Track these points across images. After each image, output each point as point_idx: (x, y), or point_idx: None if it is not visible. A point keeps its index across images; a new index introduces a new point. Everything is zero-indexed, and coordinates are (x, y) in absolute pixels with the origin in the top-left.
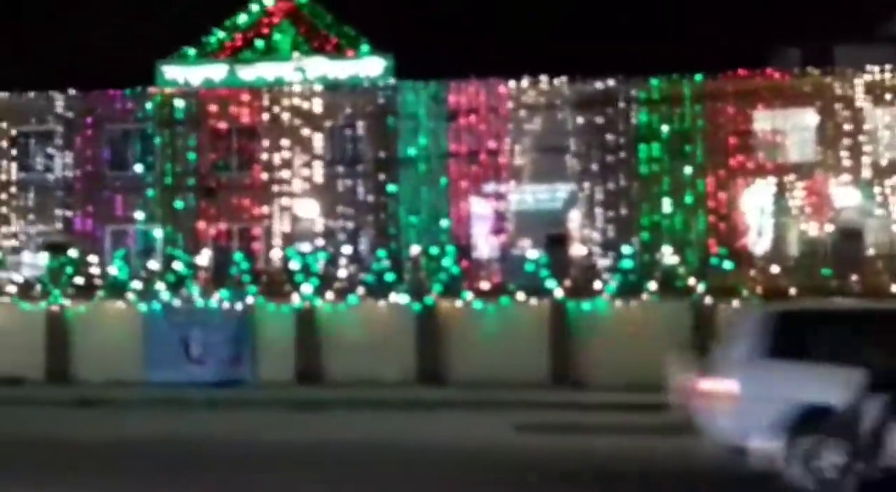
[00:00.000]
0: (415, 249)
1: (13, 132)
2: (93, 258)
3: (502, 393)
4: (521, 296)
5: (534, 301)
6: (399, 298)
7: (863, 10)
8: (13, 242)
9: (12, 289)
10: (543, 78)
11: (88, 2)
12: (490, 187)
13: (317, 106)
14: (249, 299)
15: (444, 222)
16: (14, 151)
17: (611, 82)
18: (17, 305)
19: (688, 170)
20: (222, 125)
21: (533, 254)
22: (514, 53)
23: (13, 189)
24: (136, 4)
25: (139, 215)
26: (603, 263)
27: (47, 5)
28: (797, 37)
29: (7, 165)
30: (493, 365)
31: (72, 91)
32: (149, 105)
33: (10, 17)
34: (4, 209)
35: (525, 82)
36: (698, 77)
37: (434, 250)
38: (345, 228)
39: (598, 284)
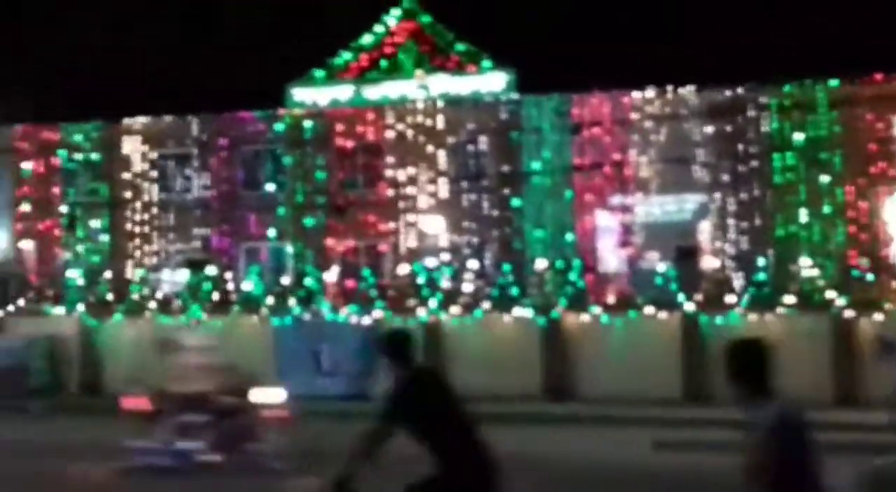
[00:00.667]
0: (540, 263)
1: (154, 155)
2: (228, 274)
3: (633, 409)
4: (649, 310)
5: (663, 315)
6: (524, 312)
7: None
8: (154, 260)
9: (153, 304)
10: (669, 87)
11: (221, 29)
12: (616, 200)
13: (440, 122)
14: (377, 314)
15: (569, 236)
16: (155, 173)
17: (740, 90)
18: (157, 320)
19: (825, 179)
20: (349, 144)
21: (661, 267)
22: (638, 64)
23: (154, 209)
24: (266, 30)
25: (271, 233)
26: (735, 275)
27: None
28: None
29: (148, 187)
30: (622, 380)
31: (207, 115)
32: (279, 126)
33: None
34: (146, 228)
35: (650, 92)
36: (833, 82)
37: (559, 264)
38: (469, 242)
39: (730, 298)
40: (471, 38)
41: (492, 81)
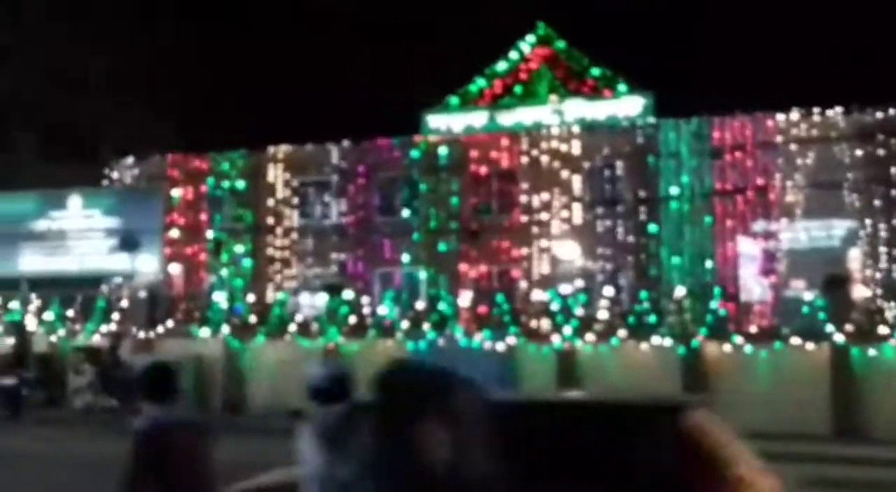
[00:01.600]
0: (679, 291)
1: (295, 182)
2: (364, 299)
3: (778, 444)
4: (796, 340)
5: (811, 346)
6: (662, 340)
7: None
8: (293, 284)
9: (293, 327)
10: (815, 110)
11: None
12: (759, 226)
13: (575, 148)
14: (511, 340)
15: (708, 263)
16: (296, 200)
17: (892, 111)
18: (297, 342)
19: None
20: (483, 170)
21: (808, 295)
22: (780, 86)
23: (294, 235)
24: (402, 59)
25: (405, 258)
26: (888, 305)
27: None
28: None
29: (290, 213)
30: (767, 414)
31: (345, 142)
32: (415, 153)
33: (292, 78)
34: (287, 253)
35: (795, 115)
36: None
37: (698, 292)
38: (604, 269)
39: (883, 329)
40: (606, 63)
41: (628, 106)
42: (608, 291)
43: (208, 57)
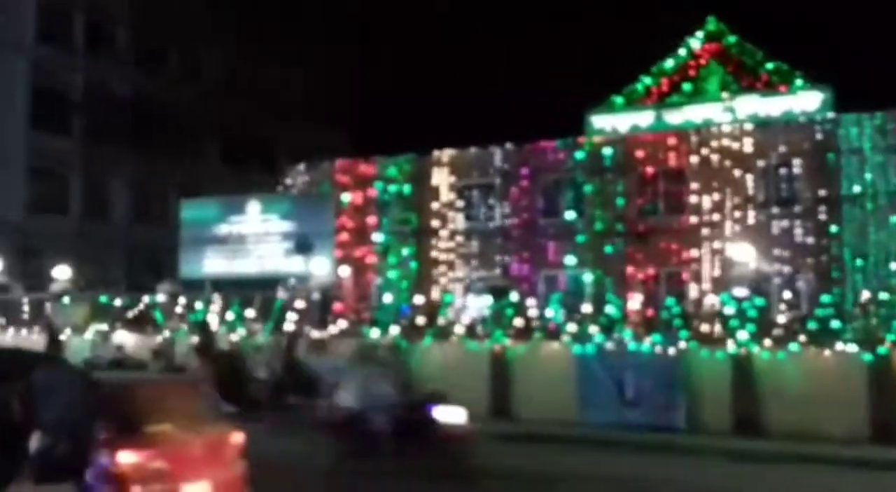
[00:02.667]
0: (864, 295)
1: (459, 185)
2: (530, 301)
3: None
4: None
5: None
6: (846, 347)
7: None
8: (458, 286)
9: (460, 329)
10: None
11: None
12: None
13: (748, 145)
14: (682, 344)
15: (894, 265)
16: (460, 203)
17: None
18: (463, 345)
19: None
20: (650, 170)
21: None
22: None
23: (459, 237)
24: (565, 60)
25: (570, 260)
26: None
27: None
28: None
29: (454, 216)
30: None
31: (508, 145)
32: (578, 154)
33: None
34: (452, 256)
35: None
36: None
37: (885, 295)
38: (781, 272)
39: None
40: (781, 57)
41: (805, 101)
42: (786, 294)
43: (375, 68)
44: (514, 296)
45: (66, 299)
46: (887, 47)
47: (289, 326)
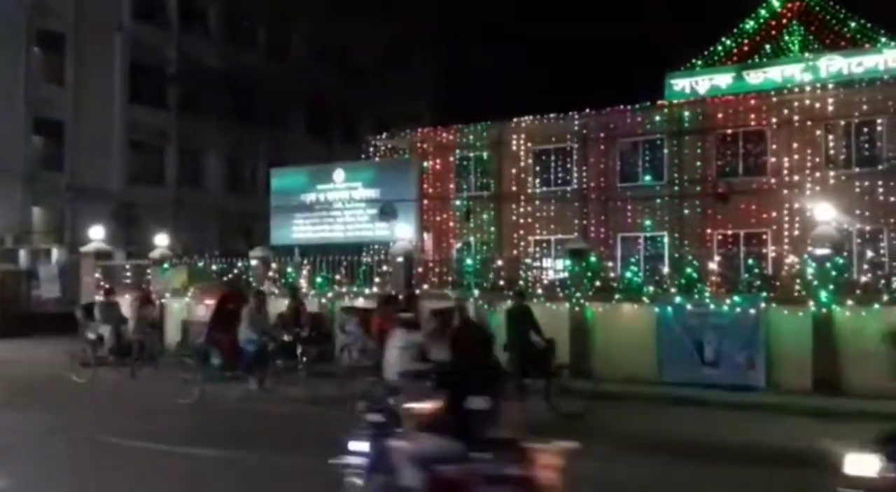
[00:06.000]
0: None
1: (537, 150)
2: (609, 263)
3: None
4: None
5: None
6: None
7: None
8: (537, 249)
9: (539, 290)
10: None
11: (602, 27)
12: None
13: (829, 105)
14: (762, 305)
15: None
16: (538, 168)
17: None
18: (543, 305)
19: None
20: (730, 131)
21: None
22: None
23: (537, 202)
24: (646, 24)
25: (647, 222)
26: None
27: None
28: None
29: (532, 180)
30: None
31: (587, 111)
32: (657, 117)
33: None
34: (530, 220)
35: None
36: None
37: None
38: (863, 231)
39: None
40: (865, 14)
41: (890, 58)
42: (868, 254)
43: (455, 38)
44: (592, 258)
45: (165, 265)
46: None
47: (374, 289)
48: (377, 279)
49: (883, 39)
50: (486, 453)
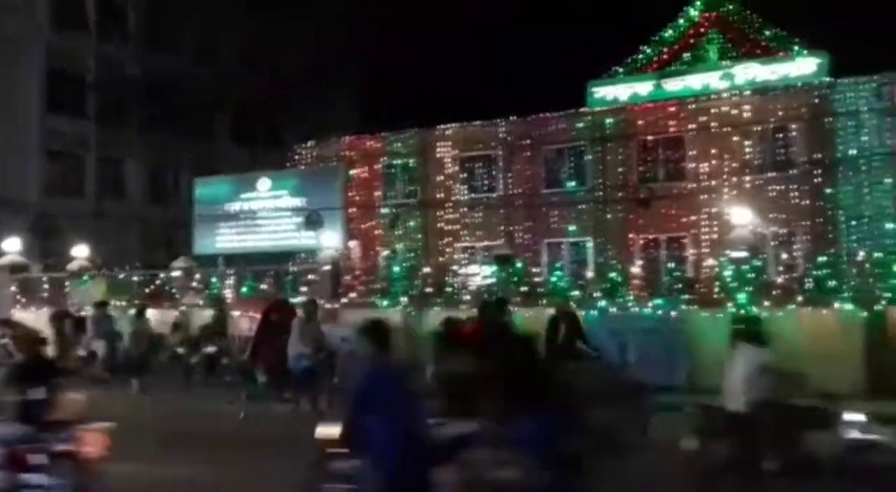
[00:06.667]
0: (859, 254)
1: (463, 157)
2: (534, 269)
3: None
4: None
5: None
6: (843, 306)
7: None
8: (464, 256)
9: (466, 297)
10: None
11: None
12: None
13: (745, 111)
14: (683, 307)
15: (890, 225)
16: (464, 175)
17: None
18: (473, 311)
19: None
20: (650, 138)
21: None
22: None
23: (463, 208)
24: (567, 33)
25: (572, 228)
26: None
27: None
28: None
29: (458, 188)
30: None
31: (512, 118)
32: (580, 124)
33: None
34: (457, 226)
35: None
36: None
37: (880, 255)
38: (777, 234)
39: None
40: (779, 23)
41: (802, 66)
42: (782, 256)
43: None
44: (518, 264)
45: (84, 277)
46: (882, 12)
47: (301, 298)
48: (304, 288)
49: (796, 47)
50: (46, 433)
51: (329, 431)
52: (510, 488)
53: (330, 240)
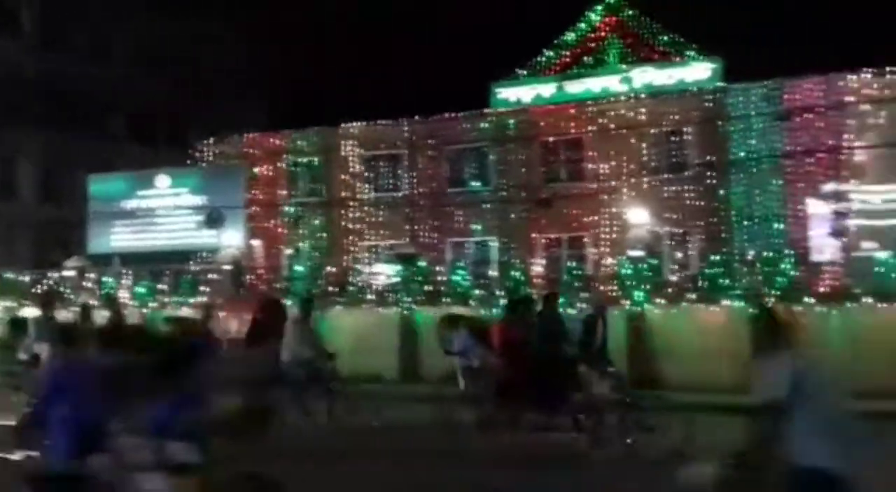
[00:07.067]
0: (749, 254)
1: (367, 156)
2: (438, 268)
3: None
4: (867, 300)
5: (883, 306)
6: (733, 303)
7: None
8: (368, 255)
9: (370, 296)
10: (888, 69)
11: (429, 37)
12: (829, 187)
13: (642, 114)
14: (582, 305)
15: (779, 225)
16: (369, 174)
17: None
18: (375, 310)
19: None
20: (552, 139)
21: (881, 255)
22: (851, 46)
23: (367, 207)
24: (471, 34)
25: (476, 227)
26: None
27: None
28: None
29: (363, 187)
30: (843, 373)
31: (416, 117)
32: (484, 125)
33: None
34: (361, 225)
35: (867, 75)
36: None
37: (769, 254)
38: (673, 233)
39: None
40: (675, 30)
41: (697, 71)
42: (677, 255)
43: (287, 41)
44: (421, 263)
45: None
46: (772, 19)
47: (201, 298)
48: (204, 288)
49: (692, 53)
50: None
51: None
52: (147, 467)
53: (231, 238)
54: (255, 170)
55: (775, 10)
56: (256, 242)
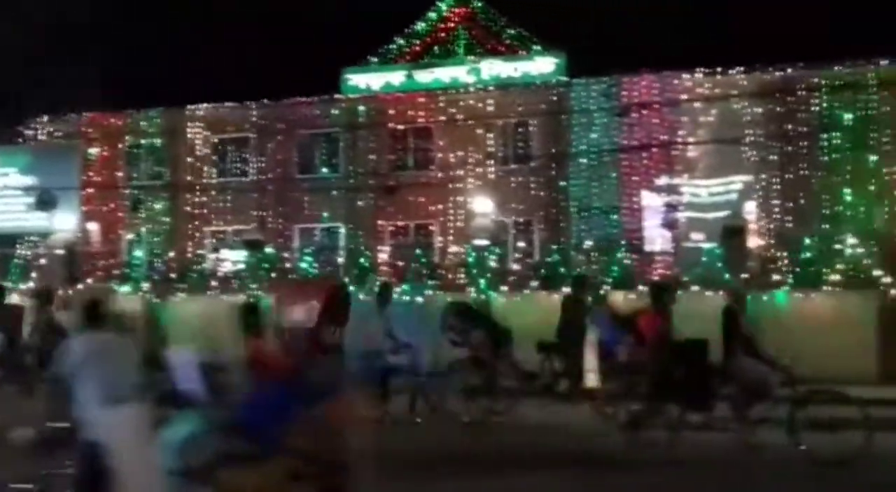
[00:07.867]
0: (587, 243)
1: (214, 140)
2: (284, 254)
3: None
4: (695, 288)
5: (710, 293)
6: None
7: None
8: (213, 241)
9: (214, 283)
10: (719, 69)
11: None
12: (662, 181)
13: (490, 106)
14: (428, 292)
15: (614, 216)
16: (215, 158)
17: (790, 71)
18: (219, 298)
19: (873, 158)
20: (401, 127)
21: (707, 246)
22: (687, 45)
23: (213, 192)
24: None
25: (325, 214)
26: (781, 254)
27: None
28: None
29: (208, 170)
30: None
31: (265, 101)
32: (334, 111)
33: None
34: (206, 210)
35: (699, 74)
36: (883, 62)
37: (605, 244)
38: (517, 223)
39: (776, 276)
40: (521, 23)
41: (541, 65)
42: (521, 244)
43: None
44: (268, 249)
45: None
46: (613, 18)
47: (31, 284)
48: (34, 273)
49: (537, 47)
50: None
51: None
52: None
53: (65, 222)
54: (92, 150)
55: (616, 7)
56: (92, 226)
